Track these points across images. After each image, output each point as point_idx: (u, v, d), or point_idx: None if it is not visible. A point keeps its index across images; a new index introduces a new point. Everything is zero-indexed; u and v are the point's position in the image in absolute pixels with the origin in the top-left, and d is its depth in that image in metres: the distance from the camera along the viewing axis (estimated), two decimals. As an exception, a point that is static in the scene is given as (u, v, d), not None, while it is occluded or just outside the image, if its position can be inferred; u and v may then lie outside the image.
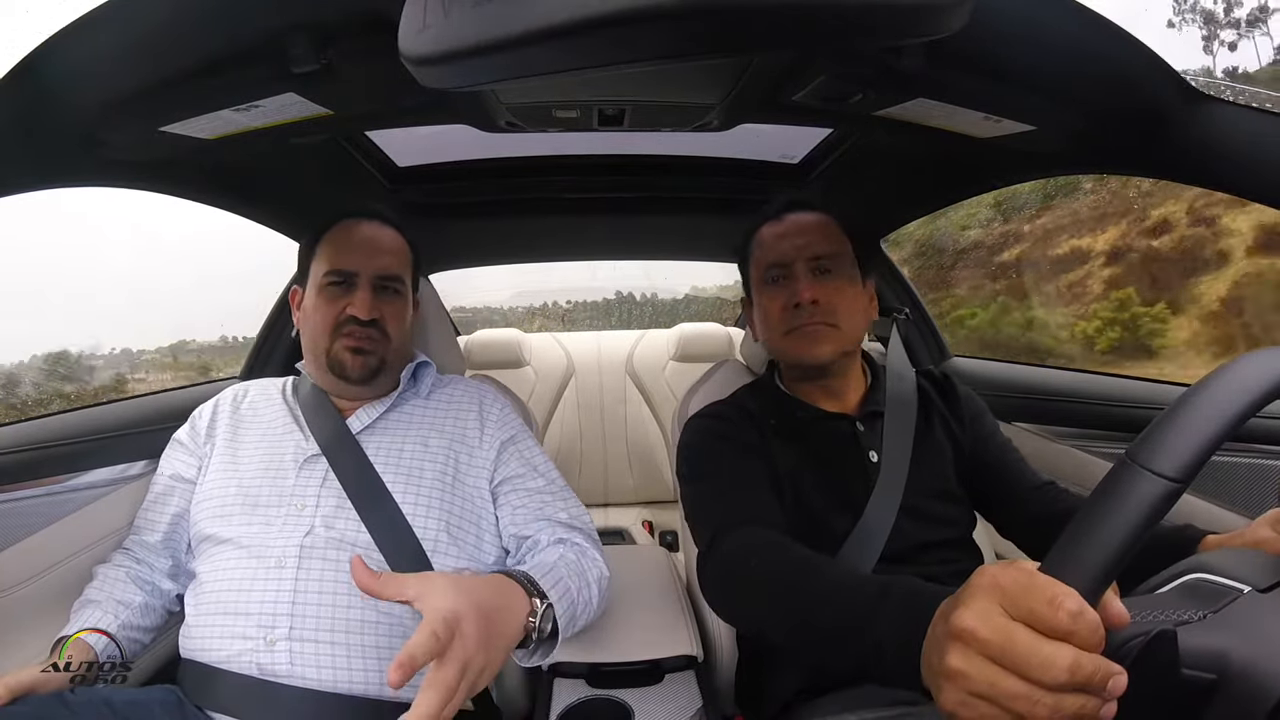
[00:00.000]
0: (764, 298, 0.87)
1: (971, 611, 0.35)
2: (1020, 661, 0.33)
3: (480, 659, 0.53)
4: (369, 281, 0.87)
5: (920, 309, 1.50)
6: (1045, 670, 0.32)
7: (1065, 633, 0.32)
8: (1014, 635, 0.33)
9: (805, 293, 0.81)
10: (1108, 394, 1.13)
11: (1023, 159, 0.93)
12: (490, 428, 0.91)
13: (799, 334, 0.82)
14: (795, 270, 0.83)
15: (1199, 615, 0.38)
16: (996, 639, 0.34)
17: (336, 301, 0.86)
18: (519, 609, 0.63)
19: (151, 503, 0.88)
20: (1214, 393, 0.36)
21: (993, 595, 0.35)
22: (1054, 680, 0.32)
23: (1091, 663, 0.32)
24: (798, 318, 0.82)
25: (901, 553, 0.76)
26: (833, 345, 0.82)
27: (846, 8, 0.33)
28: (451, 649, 0.51)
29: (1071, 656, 0.32)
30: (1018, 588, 0.34)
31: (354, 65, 0.63)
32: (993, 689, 0.33)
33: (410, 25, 0.39)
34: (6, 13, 0.52)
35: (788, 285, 0.83)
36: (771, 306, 0.85)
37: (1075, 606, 0.32)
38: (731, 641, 0.88)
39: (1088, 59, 0.63)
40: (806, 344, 0.82)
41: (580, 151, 1.18)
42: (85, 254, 18.95)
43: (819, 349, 0.82)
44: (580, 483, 2.11)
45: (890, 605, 0.48)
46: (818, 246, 0.84)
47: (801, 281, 0.82)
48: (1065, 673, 0.31)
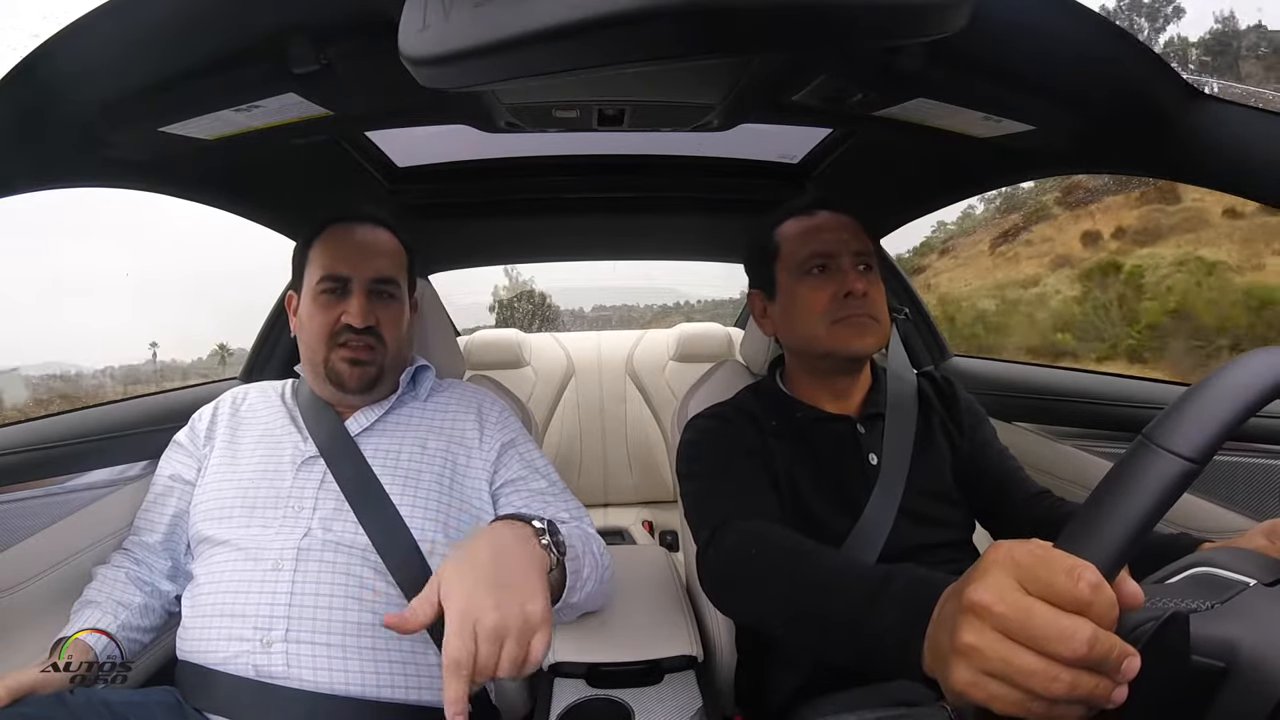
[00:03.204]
0: (805, 287, 0.84)
1: (986, 585, 0.34)
2: (1038, 635, 0.31)
3: (486, 601, 0.52)
4: (363, 287, 0.86)
5: (920, 308, 1.51)
6: (1064, 643, 0.31)
7: (1085, 605, 0.31)
8: (1031, 609, 0.32)
9: (857, 283, 0.80)
10: (1108, 394, 1.13)
11: (1023, 159, 0.93)
12: (490, 430, 0.91)
13: (847, 324, 0.81)
14: (842, 262, 0.82)
15: (1208, 605, 0.37)
16: (1013, 613, 0.33)
17: (331, 309, 0.85)
18: (521, 535, 0.61)
19: (151, 503, 0.88)
20: (1232, 378, 0.36)
21: (1008, 569, 0.34)
22: (1073, 654, 0.31)
23: (1109, 639, 0.31)
24: (847, 307, 0.81)
25: (899, 554, 0.76)
26: (875, 339, 0.82)
27: (847, 8, 0.33)
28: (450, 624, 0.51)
29: (1091, 630, 0.31)
30: (1034, 560, 0.34)
31: (354, 65, 0.63)
32: (1007, 665, 0.32)
33: (410, 25, 0.39)
34: (7, 13, 0.52)
35: (835, 276, 0.82)
36: (817, 296, 0.83)
37: (1095, 578, 0.31)
38: (731, 641, 0.88)
39: (1088, 59, 0.63)
40: (854, 334, 0.81)
41: (580, 151, 1.18)
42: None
43: (865, 340, 0.81)
44: (580, 483, 2.11)
45: (893, 593, 0.48)
46: (859, 242, 0.84)
47: (851, 273, 0.82)
48: (1085, 645, 0.30)
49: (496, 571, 0.55)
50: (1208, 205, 7.50)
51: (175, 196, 0.99)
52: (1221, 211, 7.14)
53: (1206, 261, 7.39)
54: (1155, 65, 0.62)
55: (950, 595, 0.39)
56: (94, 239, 24.05)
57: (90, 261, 30.66)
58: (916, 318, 1.48)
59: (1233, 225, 7.25)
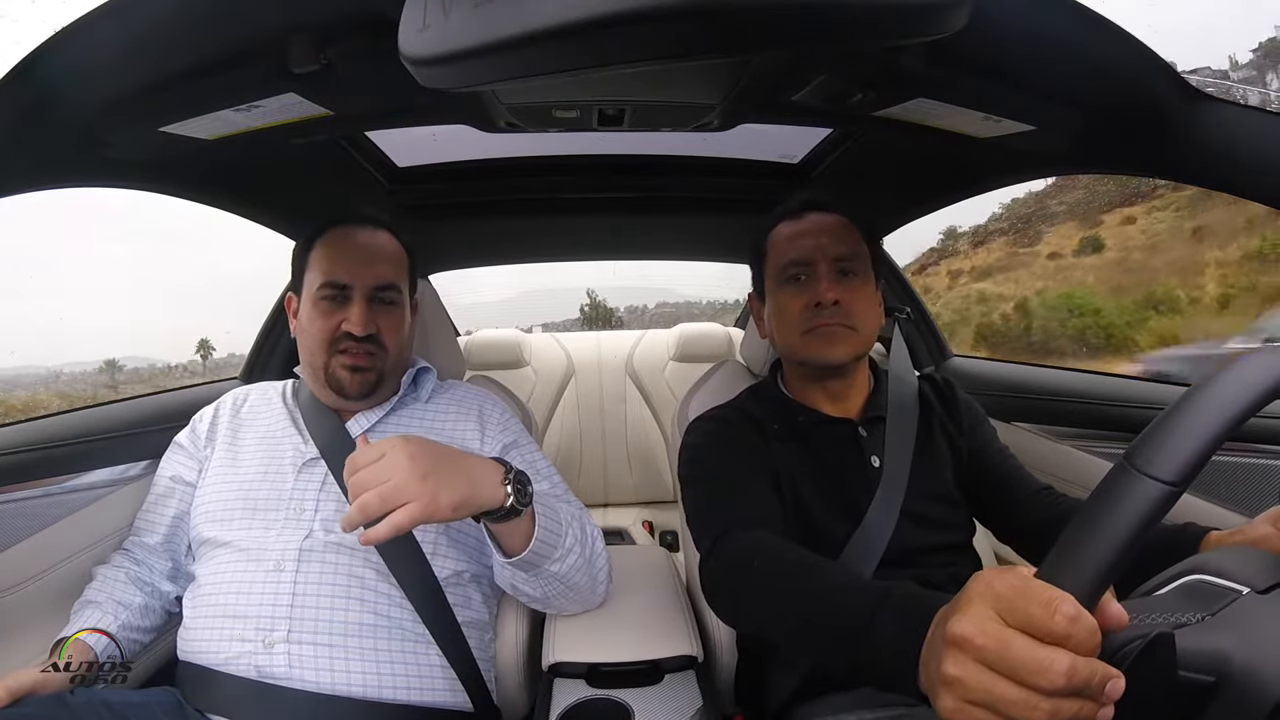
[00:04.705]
0: (783, 295, 0.85)
1: (967, 618, 0.35)
2: (1016, 667, 0.32)
3: (407, 466, 0.60)
4: (364, 294, 0.85)
5: (921, 308, 1.50)
6: (1042, 675, 0.32)
7: (1061, 637, 0.32)
8: (1010, 641, 0.33)
9: (828, 292, 0.80)
10: (1107, 394, 1.13)
11: (1023, 159, 0.93)
12: (491, 432, 0.91)
13: (818, 334, 0.81)
14: (818, 270, 0.82)
15: (1197, 617, 0.37)
16: (992, 645, 0.33)
17: (331, 316, 0.85)
18: (486, 464, 0.69)
19: (151, 504, 0.88)
20: (1211, 396, 0.35)
21: (988, 601, 0.35)
22: (1051, 685, 0.31)
23: (1088, 667, 0.32)
24: (818, 317, 0.81)
25: (901, 557, 0.76)
26: (850, 347, 0.82)
27: (847, 8, 0.33)
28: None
29: (1068, 661, 0.31)
30: (1013, 593, 0.34)
31: (354, 65, 0.63)
32: (989, 695, 0.33)
33: (410, 25, 0.39)
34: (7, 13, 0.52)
35: (809, 284, 0.82)
36: (791, 305, 0.83)
37: (1072, 611, 0.32)
38: (731, 641, 0.88)
39: (1088, 59, 0.63)
40: (825, 344, 0.81)
41: (580, 151, 1.18)
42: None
43: (836, 350, 0.81)
44: (580, 483, 2.11)
45: (889, 610, 0.48)
46: (840, 246, 0.83)
47: (824, 281, 0.81)
48: (1062, 677, 0.31)
49: (435, 460, 0.63)
50: (1043, 251, 9.59)
51: (175, 196, 0.99)
52: (1046, 254, 9.40)
53: (987, 293, 10.33)
54: (1155, 65, 0.62)
55: (938, 623, 0.39)
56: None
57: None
58: (917, 317, 1.48)
59: (1046, 265, 9.61)
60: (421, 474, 0.60)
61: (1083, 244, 8.80)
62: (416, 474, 0.60)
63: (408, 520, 0.58)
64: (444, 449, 0.66)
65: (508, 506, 0.67)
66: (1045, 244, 9.13)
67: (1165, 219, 7.96)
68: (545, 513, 0.74)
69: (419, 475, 0.60)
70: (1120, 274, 8.37)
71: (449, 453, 0.66)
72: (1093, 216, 8.71)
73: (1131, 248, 8.28)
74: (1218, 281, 7.67)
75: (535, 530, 0.72)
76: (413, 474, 0.60)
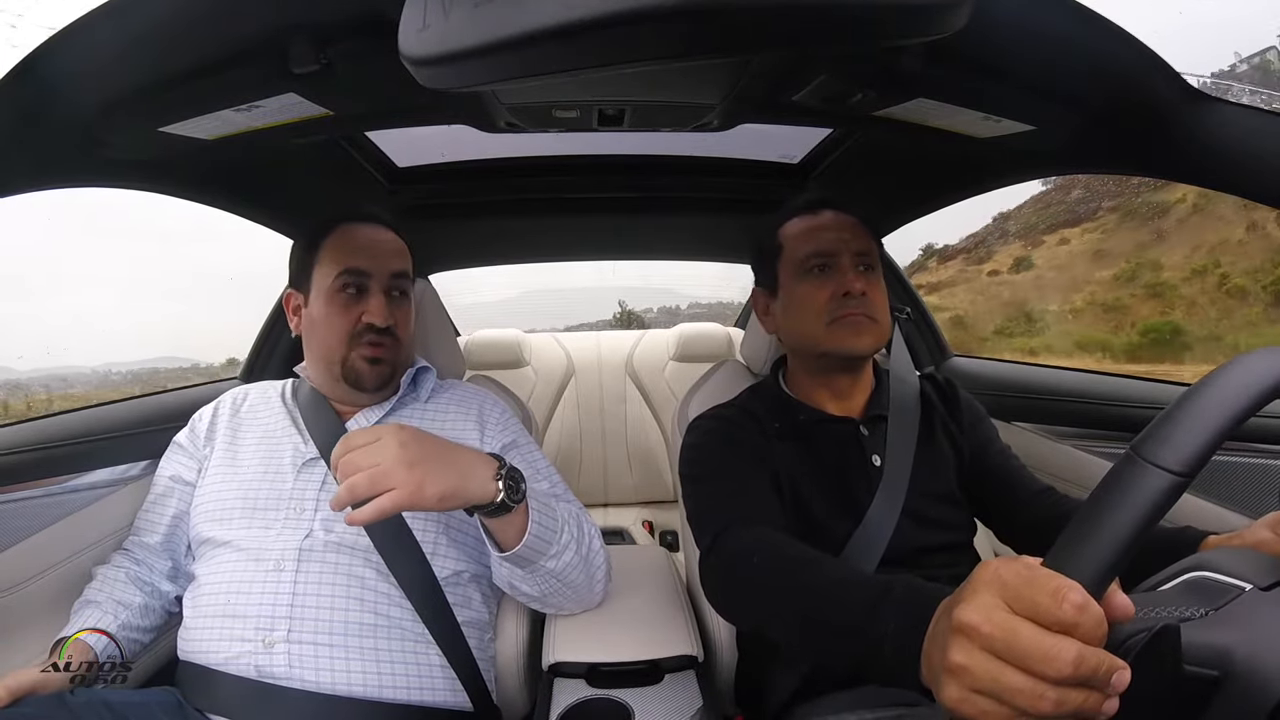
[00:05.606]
0: (804, 286, 0.85)
1: (974, 606, 0.35)
2: (1023, 655, 0.32)
3: (398, 454, 0.61)
4: (382, 285, 0.87)
5: (921, 308, 1.51)
6: (1049, 664, 0.31)
7: (1069, 625, 0.32)
8: (1017, 629, 0.33)
9: (856, 283, 0.81)
10: (1107, 394, 1.13)
11: (1023, 159, 0.93)
12: (490, 432, 0.91)
13: (844, 323, 0.81)
14: (841, 262, 0.83)
15: (1201, 612, 0.37)
16: (999, 633, 0.33)
17: (351, 309, 0.85)
18: (481, 458, 0.69)
19: (151, 504, 0.88)
20: (1218, 388, 0.35)
21: (995, 589, 0.35)
22: (1058, 674, 0.31)
23: (1095, 656, 0.31)
24: (844, 306, 0.81)
25: (902, 556, 0.76)
26: (873, 338, 0.82)
27: (847, 8, 0.33)
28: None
29: (1076, 650, 0.31)
30: (1020, 581, 0.34)
31: (354, 65, 0.63)
32: (995, 684, 0.33)
33: (410, 25, 0.39)
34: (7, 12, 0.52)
35: (833, 275, 0.83)
36: (816, 295, 0.83)
37: (1080, 599, 0.32)
38: (731, 641, 0.88)
39: (1088, 59, 0.63)
40: (851, 334, 0.81)
41: (580, 151, 1.18)
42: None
43: (862, 340, 0.81)
44: (580, 483, 2.11)
45: (892, 603, 0.48)
46: (861, 242, 0.84)
47: (850, 273, 0.82)
48: (1069, 666, 0.31)
49: (425, 450, 0.63)
50: (986, 268, 9.70)
51: (175, 197, 0.98)
52: (986, 273, 9.53)
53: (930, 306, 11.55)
54: (1155, 65, 0.62)
55: (942, 612, 0.39)
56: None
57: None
58: (918, 317, 1.48)
59: (985, 281, 9.68)
60: (409, 462, 0.61)
61: (1017, 262, 9.02)
62: (404, 461, 0.61)
63: (391, 505, 0.59)
64: (437, 440, 0.66)
65: (498, 502, 0.67)
66: (991, 262, 9.49)
67: (1091, 241, 8.21)
68: (540, 509, 0.74)
69: (406, 463, 0.61)
70: (1030, 290, 8.68)
71: (440, 444, 0.66)
72: (1036, 237, 8.98)
73: (1050, 267, 8.58)
74: (1085, 299, 7.96)
75: (529, 526, 0.72)
76: (400, 461, 0.61)
